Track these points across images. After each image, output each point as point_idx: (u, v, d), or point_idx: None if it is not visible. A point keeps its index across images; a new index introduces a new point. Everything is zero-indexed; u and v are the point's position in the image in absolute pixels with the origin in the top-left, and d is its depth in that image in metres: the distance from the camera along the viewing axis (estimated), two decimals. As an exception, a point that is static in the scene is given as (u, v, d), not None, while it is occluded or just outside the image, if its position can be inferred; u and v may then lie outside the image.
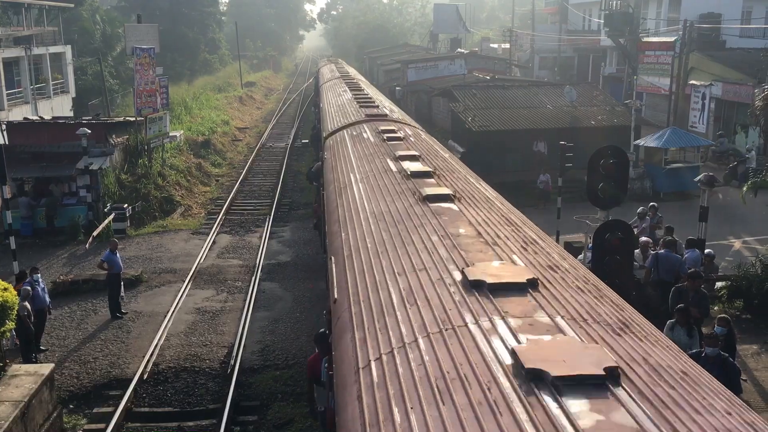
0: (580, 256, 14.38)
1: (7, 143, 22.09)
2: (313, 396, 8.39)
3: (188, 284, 16.95)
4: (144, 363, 12.67)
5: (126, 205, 21.58)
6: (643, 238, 14.43)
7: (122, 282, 15.60)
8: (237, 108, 49.38)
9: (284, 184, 27.78)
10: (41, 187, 21.49)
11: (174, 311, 15.24)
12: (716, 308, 13.77)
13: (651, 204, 17.36)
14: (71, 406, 11.71)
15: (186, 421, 11.17)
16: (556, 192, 18.71)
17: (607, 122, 26.79)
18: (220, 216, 23.07)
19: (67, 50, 41.11)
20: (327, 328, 7.23)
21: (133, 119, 25.53)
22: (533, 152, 25.57)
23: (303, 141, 35.51)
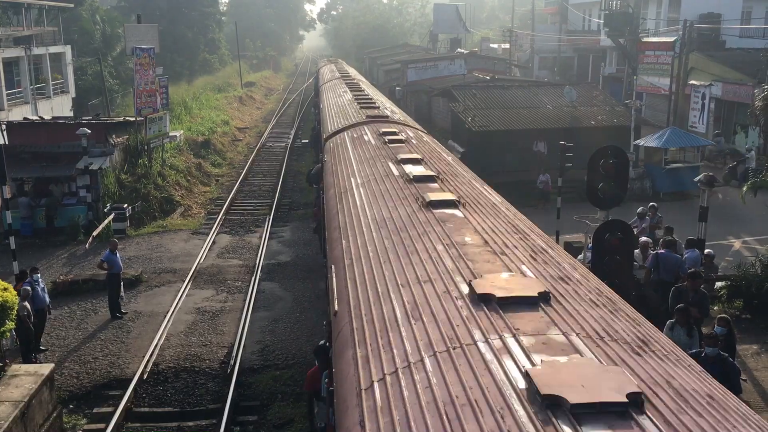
0: (580, 256, 14.39)
1: (7, 143, 22.08)
2: (313, 411, 8.18)
3: (188, 284, 16.96)
4: (144, 363, 12.67)
5: (126, 205, 21.58)
6: (643, 238, 14.43)
7: (122, 282, 15.61)
8: (237, 108, 49.37)
9: (284, 184, 27.77)
10: (41, 187, 21.48)
11: (174, 311, 15.24)
12: (716, 308, 13.77)
13: (651, 204, 17.37)
14: (71, 406, 11.71)
15: (186, 421, 11.18)
16: (556, 192, 18.71)
17: (607, 122, 26.77)
18: (220, 216, 23.07)
19: (67, 50, 41.13)
20: (327, 340, 7.06)
21: (133, 119, 25.52)
22: (533, 152, 25.55)
23: (303, 141, 35.52)
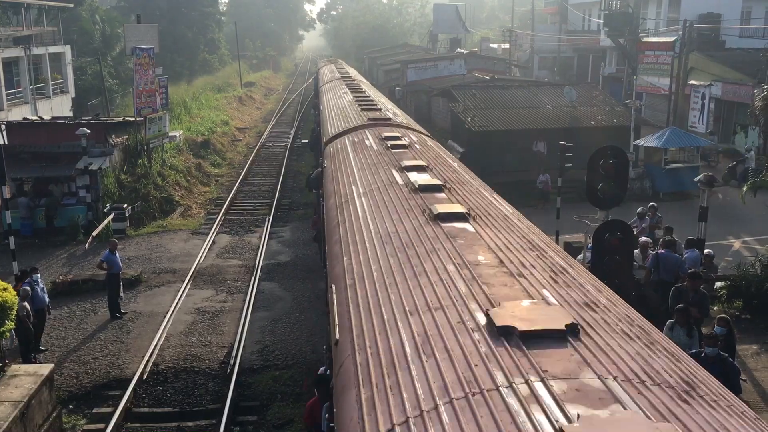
0: (580, 256, 14.40)
1: (7, 143, 22.06)
2: None
3: (188, 284, 16.95)
4: (143, 363, 12.67)
5: (125, 206, 21.58)
6: (643, 238, 14.43)
7: (122, 282, 15.61)
8: (236, 108, 49.35)
9: (284, 185, 27.76)
10: (41, 187, 21.48)
11: (173, 311, 15.24)
12: (716, 308, 13.77)
13: (650, 204, 17.37)
14: (71, 407, 11.71)
15: (185, 422, 11.17)
16: (556, 192, 18.71)
17: (607, 122, 26.78)
18: (220, 216, 23.07)
19: (67, 50, 41.13)
20: (327, 366, 6.69)
21: (133, 119, 25.50)
22: (533, 152, 25.56)
23: (303, 141, 35.51)
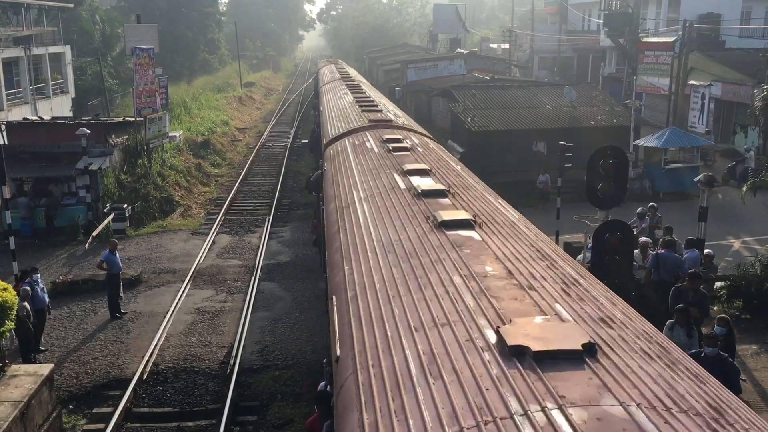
0: (580, 256, 14.40)
1: (7, 143, 22.08)
2: None
3: (188, 284, 16.95)
4: (143, 363, 12.68)
5: (125, 206, 21.58)
6: (643, 238, 14.43)
7: (122, 282, 15.61)
8: (236, 108, 49.36)
9: (284, 185, 27.77)
10: (41, 187, 21.48)
11: (173, 311, 15.24)
12: (716, 308, 13.78)
13: (650, 204, 17.38)
14: (71, 407, 11.71)
15: (185, 422, 11.18)
16: (556, 192, 18.71)
17: (607, 122, 26.79)
18: (220, 216, 23.07)
19: (67, 50, 41.13)
20: (327, 382, 6.54)
21: (133, 119, 25.51)
22: (533, 152, 25.56)
23: (303, 141, 35.50)
